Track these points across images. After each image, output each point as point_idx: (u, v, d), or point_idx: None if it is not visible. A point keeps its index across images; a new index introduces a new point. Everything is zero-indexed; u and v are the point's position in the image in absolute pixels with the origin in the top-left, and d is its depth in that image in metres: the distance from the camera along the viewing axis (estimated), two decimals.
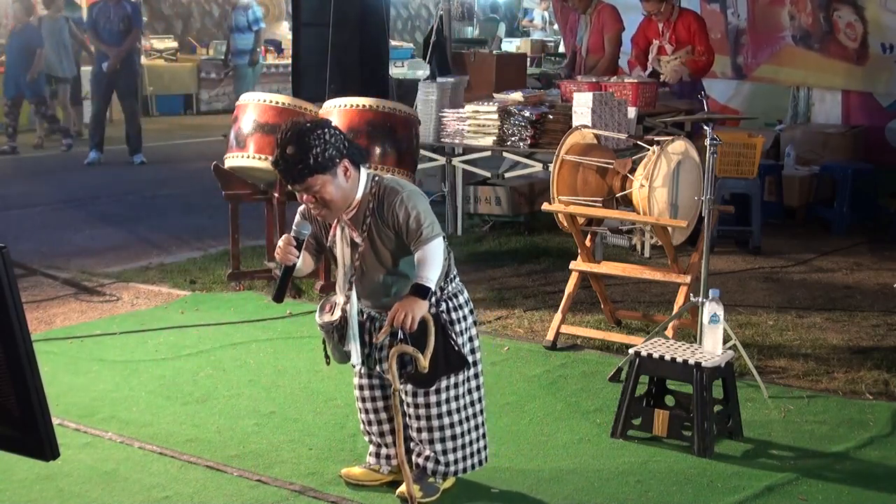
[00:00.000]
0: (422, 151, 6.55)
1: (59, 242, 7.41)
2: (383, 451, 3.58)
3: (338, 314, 3.39)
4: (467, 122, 6.67)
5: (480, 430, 3.51)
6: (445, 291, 3.37)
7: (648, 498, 3.50)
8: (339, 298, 3.41)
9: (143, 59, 14.41)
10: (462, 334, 3.39)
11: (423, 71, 10.29)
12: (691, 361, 3.87)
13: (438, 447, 3.43)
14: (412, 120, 5.83)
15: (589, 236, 5.19)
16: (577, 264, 5.13)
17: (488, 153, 6.70)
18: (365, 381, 3.54)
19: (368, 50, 8.54)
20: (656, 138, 5.08)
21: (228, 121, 6.14)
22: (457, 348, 3.35)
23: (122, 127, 11.52)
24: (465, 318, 3.41)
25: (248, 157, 5.81)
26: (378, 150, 5.64)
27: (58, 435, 2.05)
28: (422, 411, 3.40)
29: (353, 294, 3.37)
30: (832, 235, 7.60)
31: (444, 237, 3.29)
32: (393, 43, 15.05)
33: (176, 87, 16.23)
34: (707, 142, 4.41)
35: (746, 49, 10.08)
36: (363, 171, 3.35)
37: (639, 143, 5.21)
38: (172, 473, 3.65)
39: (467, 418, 3.45)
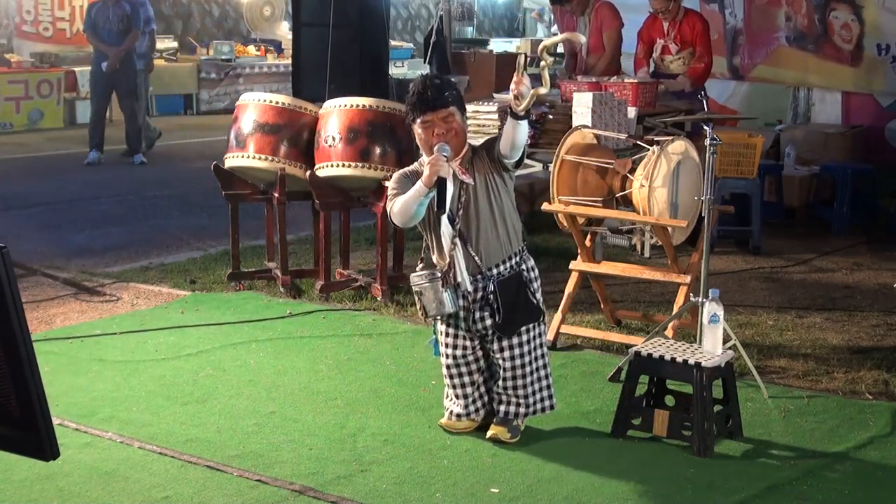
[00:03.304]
0: None
1: (59, 242, 7.41)
2: (471, 408, 3.97)
3: (444, 262, 3.82)
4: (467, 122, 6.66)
5: (551, 378, 4.00)
6: (524, 254, 3.94)
7: (648, 498, 3.50)
8: (444, 241, 3.81)
9: None
10: (536, 291, 3.94)
11: (423, 71, 10.30)
12: (691, 361, 3.87)
13: (521, 392, 3.90)
14: None
15: (589, 236, 5.19)
16: (577, 264, 5.13)
17: None
18: (459, 352, 3.95)
19: (368, 50, 8.56)
20: (656, 138, 5.08)
21: (228, 121, 6.14)
22: (535, 301, 3.90)
23: (122, 127, 11.51)
24: (537, 277, 3.98)
25: (248, 157, 5.81)
26: (378, 150, 5.64)
27: (58, 435, 2.05)
28: (508, 362, 3.88)
29: (459, 241, 3.81)
30: (832, 235, 7.60)
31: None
32: (393, 43, 15.03)
33: (176, 87, 16.22)
34: (707, 142, 4.41)
35: (743, 49, 10.08)
36: None
37: (639, 143, 5.21)
38: (172, 473, 3.65)
39: (544, 365, 3.97)
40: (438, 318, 3.92)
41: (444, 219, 3.79)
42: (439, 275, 3.80)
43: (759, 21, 9.92)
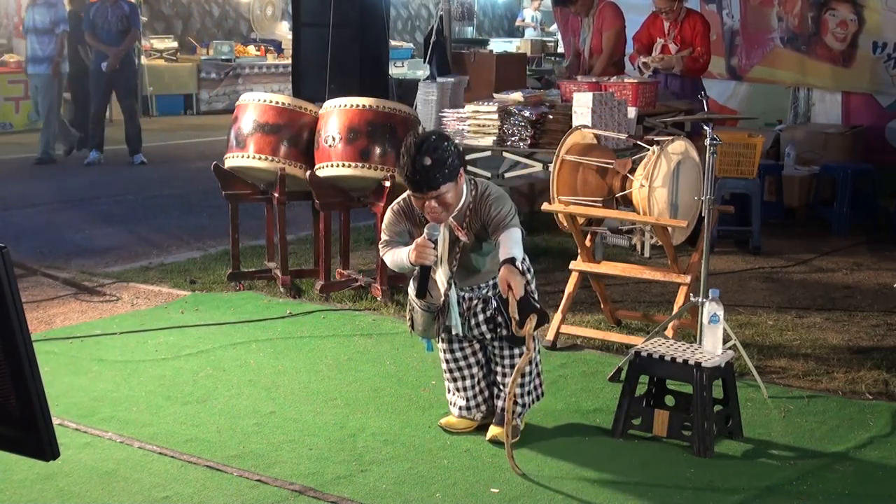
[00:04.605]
0: None
1: (59, 242, 7.41)
2: (472, 402, 4.03)
3: (440, 298, 3.83)
4: (467, 123, 6.67)
5: (542, 374, 4.12)
6: (525, 264, 3.91)
7: (648, 498, 3.50)
8: (440, 282, 3.82)
9: (143, 59, 14.41)
10: (534, 293, 3.93)
11: (423, 71, 10.30)
12: (691, 361, 3.87)
13: (518, 390, 3.93)
14: (412, 120, 5.84)
15: (589, 236, 5.19)
16: (577, 264, 5.13)
17: (488, 153, 6.70)
18: (457, 346, 4.00)
19: (368, 50, 8.56)
20: (656, 138, 5.08)
21: (228, 121, 6.14)
22: (538, 306, 3.80)
23: (121, 127, 11.52)
24: (533, 277, 4.00)
25: (248, 157, 5.81)
26: (378, 150, 5.64)
27: (58, 435, 2.05)
28: (508, 361, 3.95)
29: (454, 283, 3.84)
30: (832, 235, 7.60)
31: (521, 229, 3.78)
32: (393, 43, 15.05)
33: (176, 87, 16.24)
34: (707, 142, 4.41)
35: (740, 50, 10.09)
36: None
37: (639, 143, 5.21)
38: (172, 473, 3.65)
39: (538, 363, 4.05)
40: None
41: (441, 263, 3.78)
42: (436, 310, 3.82)
43: (754, 22, 9.93)
